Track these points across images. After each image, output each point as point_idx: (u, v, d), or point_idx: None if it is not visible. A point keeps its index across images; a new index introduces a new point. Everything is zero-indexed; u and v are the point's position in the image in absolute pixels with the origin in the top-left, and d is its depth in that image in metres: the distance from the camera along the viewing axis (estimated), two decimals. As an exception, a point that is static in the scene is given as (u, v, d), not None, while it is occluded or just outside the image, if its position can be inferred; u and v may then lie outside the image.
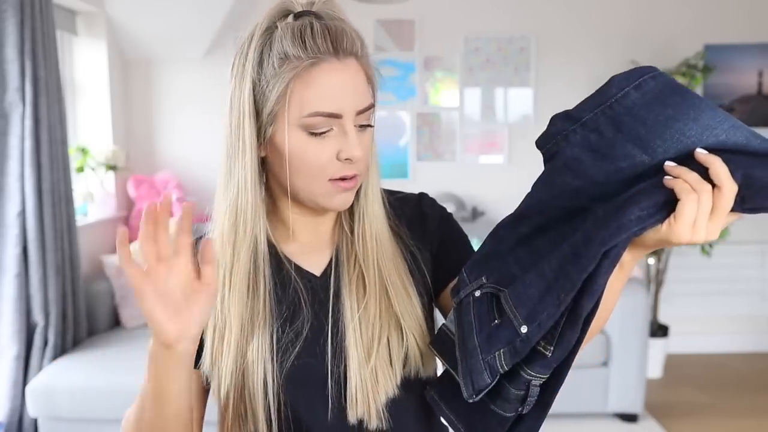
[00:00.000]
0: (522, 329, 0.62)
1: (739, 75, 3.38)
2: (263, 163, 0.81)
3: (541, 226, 0.67)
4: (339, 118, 0.74)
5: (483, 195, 3.45)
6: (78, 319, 2.53)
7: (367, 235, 0.83)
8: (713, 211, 0.56)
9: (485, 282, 0.70)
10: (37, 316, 2.31)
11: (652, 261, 3.29)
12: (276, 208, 0.85)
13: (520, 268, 0.67)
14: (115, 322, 2.80)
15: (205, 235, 0.83)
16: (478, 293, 0.70)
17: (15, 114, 2.25)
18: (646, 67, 0.62)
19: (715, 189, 0.55)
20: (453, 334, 0.72)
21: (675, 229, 0.56)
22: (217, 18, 3.11)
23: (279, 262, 0.84)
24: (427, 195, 0.93)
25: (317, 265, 0.86)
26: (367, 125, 0.78)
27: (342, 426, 0.80)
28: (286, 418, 0.80)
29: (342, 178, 0.77)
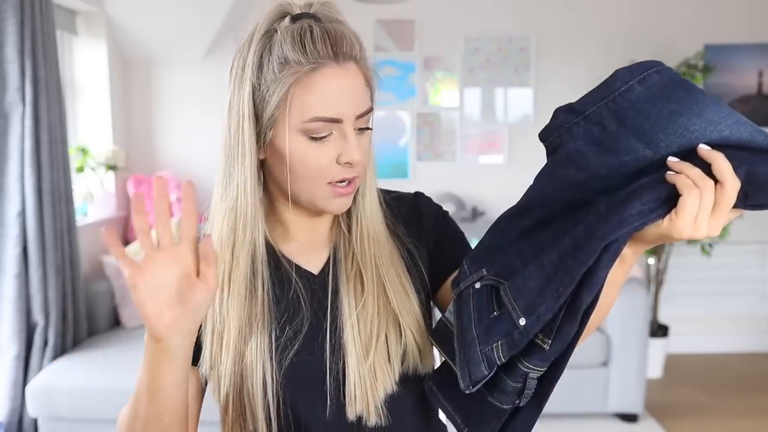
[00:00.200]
0: (520, 321, 0.62)
1: (739, 75, 3.38)
2: (261, 166, 0.82)
3: (544, 218, 0.67)
4: (339, 122, 0.74)
5: (483, 195, 3.45)
6: (78, 319, 2.53)
7: (365, 235, 0.84)
8: (715, 208, 0.56)
9: (486, 274, 0.70)
10: (37, 316, 2.31)
11: (652, 261, 3.29)
12: (274, 208, 0.85)
13: (521, 260, 0.67)
14: (115, 322, 2.80)
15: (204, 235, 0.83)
16: (478, 285, 0.70)
17: (15, 114, 2.25)
18: (650, 62, 0.62)
19: (718, 185, 0.55)
20: (452, 325, 0.72)
21: (676, 225, 0.56)
22: (217, 18, 3.11)
23: (277, 261, 0.85)
24: (423, 194, 0.94)
25: (315, 264, 0.86)
26: (366, 128, 0.79)
27: (341, 423, 0.81)
28: (285, 416, 0.81)
29: (341, 180, 0.77)
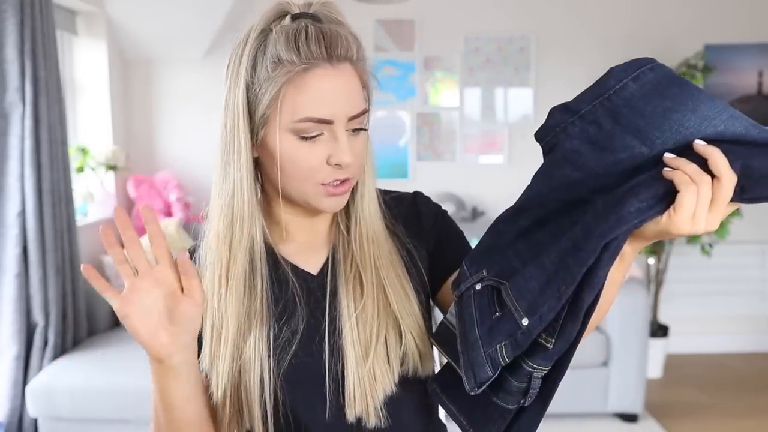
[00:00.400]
0: (523, 322, 0.62)
1: (739, 75, 3.38)
2: (257, 164, 0.81)
3: (541, 218, 0.67)
4: (330, 123, 0.74)
5: (483, 195, 3.45)
6: (78, 319, 2.52)
7: (364, 236, 0.84)
8: (713, 202, 0.56)
9: (486, 275, 0.70)
10: (37, 316, 2.31)
11: (652, 261, 3.29)
12: (271, 209, 0.85)
13: (520, 261, 0.67)
14: (115, 322, 2.79)
15: (200, 241, 0.84)
16: (478, 286, 0.70)
17: (15, 114, 2.25)
18: (644, 59, 0.62)
19: (715, 180, 0.55)
20: (454, 327, 0.72)
21: (675, 221, 0.56)
22: (217, 18, 3.11)
23: (276, 262, 0.84)
24: (422, 193, 0.93)
25: (314, 265, 0.86)
26: (360, 129, 0.78)
27: (340, 424, 0.81)
28: (285, 416, 0.81)
29: (333, 182, 0.77)
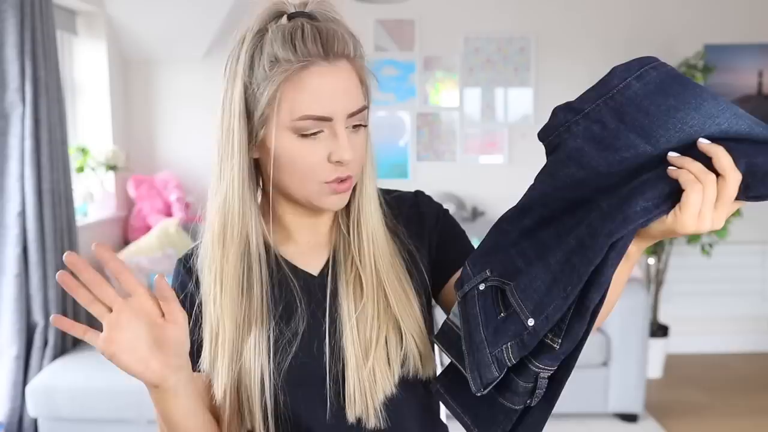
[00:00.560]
0: (529, 322, 0.62)
1: (739, 75, 3.38)
2: (257, 165, 0.81)
3: (545, 218, 0.66)
4: (329, 120, 0.74)
5: (483, 195, 3.45)
6: (78, 319, 2.51)
7: (364, 236, 0.83)
8: (718, 201, 0.56)
9: (489, 275, 0.69)
10: (37, 316, 2.31)
11: (652, 261, 3.29)
12: (273, 210, 0.85)
13: (524, 260, 0.66)
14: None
15: (200, 242, 0.84)
16: (482, 287, 0.70)
17: (15, 114, 2.24)
18: (647, 58, 0.62)
19: (719, 178, 0.55)
20: (458, 327, 0.72)
21: (680, 220, 0.56)
22: (217, 18, 3.11)
23: (276, 264, 0.84)
24: (423, 193, 0.93)
25: (315, 266, 0.86)
26: (360, 125, 0.78)
27: (341, 425, 0.81)
28: (285, 417, 0.81)
29: (336, 180, 0.76)
